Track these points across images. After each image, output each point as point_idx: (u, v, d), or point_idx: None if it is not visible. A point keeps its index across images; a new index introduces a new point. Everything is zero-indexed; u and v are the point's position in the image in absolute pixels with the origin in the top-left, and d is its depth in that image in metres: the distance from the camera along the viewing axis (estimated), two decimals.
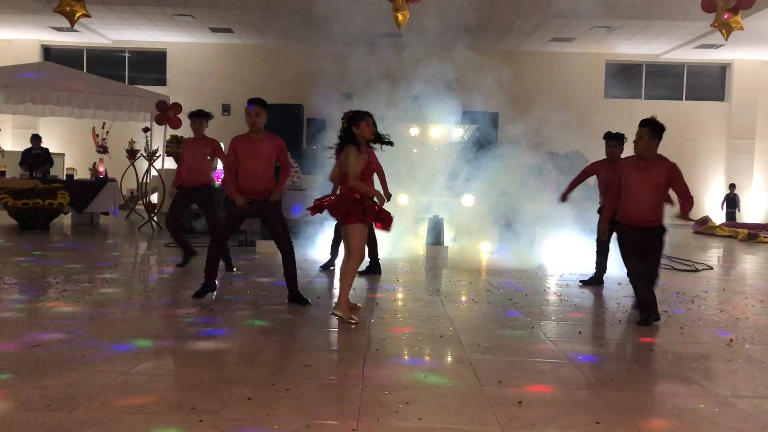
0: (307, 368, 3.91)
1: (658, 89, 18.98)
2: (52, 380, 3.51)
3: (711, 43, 16.36)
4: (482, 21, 15.12)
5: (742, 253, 11.91)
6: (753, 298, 6.94)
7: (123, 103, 12.93)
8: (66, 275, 6.87)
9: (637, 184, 5.31)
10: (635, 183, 5.31)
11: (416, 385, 3.68)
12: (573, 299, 6.48)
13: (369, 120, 5.06)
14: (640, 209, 5.29)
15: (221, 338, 4.76)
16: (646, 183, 5.29)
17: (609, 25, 15.62)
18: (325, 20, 14.53)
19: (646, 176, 5.29)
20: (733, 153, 18.66)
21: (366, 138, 5.07)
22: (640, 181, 5.30)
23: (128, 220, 14.04)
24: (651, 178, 5.27)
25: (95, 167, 13.35)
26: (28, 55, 17.67)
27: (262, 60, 18.37)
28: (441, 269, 8.37)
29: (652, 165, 5.31)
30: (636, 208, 5.30)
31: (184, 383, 3.59)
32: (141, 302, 5.74)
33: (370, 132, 5.04)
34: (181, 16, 15.80)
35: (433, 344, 4.61)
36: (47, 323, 4.80)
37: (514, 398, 3.46)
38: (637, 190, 5.29)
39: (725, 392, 3.70)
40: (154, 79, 18.81)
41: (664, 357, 4.43)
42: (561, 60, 18.46)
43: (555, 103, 12.80)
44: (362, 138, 5.05)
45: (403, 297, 6.38)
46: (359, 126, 5.02)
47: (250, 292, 6.32)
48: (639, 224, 5.33)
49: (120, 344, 4.29)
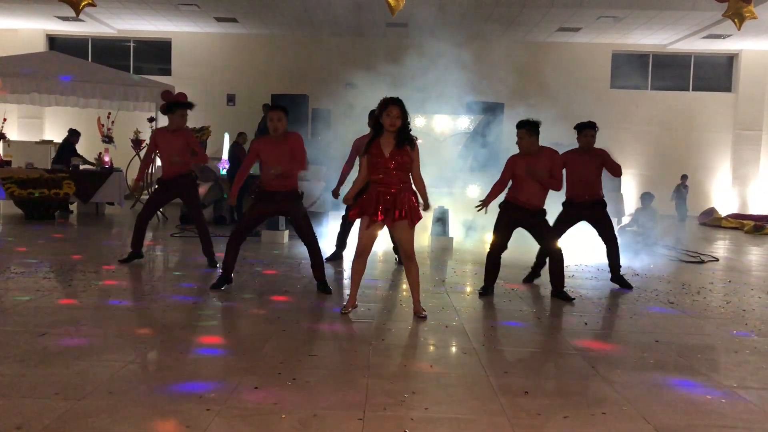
0: (314, 358, 3.92)
1: (664, 80, 18.88)
2: (59, 368, 3.52)
3: (718, 33, 16.25)
4: (488, 11, 15.04)
5: (748, 245, 11.88)
6: (759, 289, 6.92)
7: (128, 93, 12.91)
8: (72, 264, 6.90)
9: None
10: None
11: (422, 375, 3.69)
12: (579, 290, 6.47)
13: (390, 110, 4.84)
14: (529, 195, 5.93)
15: (228, 328, 4.78)
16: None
17: (616, 15, 15.51)
18: (330, 10, 14.48)
19: (536, 164, 5.87)
20: (739, 144, 18.57)
21: (388, 128, 4.88)
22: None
23: (133, 210, 14.06)
24: (540, 165, 5.87)
25: (100, 157, 13.36)
26: (33, 44, 17.66)
27: (266, 50, 18.33)
28: (446, 260, 8.37)
29: (537, 156, 5.93)
30: (526, 194, 5.93)
31: (190, 372, 3.60)
32: (147, 292, 5.76)
33: (389, 123, 4.85)
34: (186, 6, 15.76)
35: (438, 334, 4.61)
36: (54, 312, 4.82)
37: (521, 388, 3.47)
38: (528, 179, 5.91)
39: (732, 383, 3.70)
40: (159, 69, 18.79)
41: (670, 348, 4.43)
42: (568, 50, 18.37)
43: (561, 93, 12.76)
44: (385, 128, 4.89)
45: (408, 287, 6.37)
46: (382, 115, 4.88)
47: (257, 283, 6.33)
48: (529, 207, 5.95)
49: (126, 333, 4.31)
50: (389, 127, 4.85)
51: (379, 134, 4.95)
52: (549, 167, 5.91)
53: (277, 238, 9.46)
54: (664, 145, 18.35)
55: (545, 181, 5.92)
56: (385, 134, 4.91)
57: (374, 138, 4.98)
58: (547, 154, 5.96)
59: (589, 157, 6.60)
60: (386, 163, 4.89)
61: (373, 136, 5.00)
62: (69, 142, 13.20)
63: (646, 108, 18.53)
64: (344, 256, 7.83)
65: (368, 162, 4.98)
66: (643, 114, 18.46)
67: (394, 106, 4.85)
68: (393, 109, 4.84)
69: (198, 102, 14.85)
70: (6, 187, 11.40)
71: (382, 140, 4.92)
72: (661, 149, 18.34)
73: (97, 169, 12.86)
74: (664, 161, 18.29)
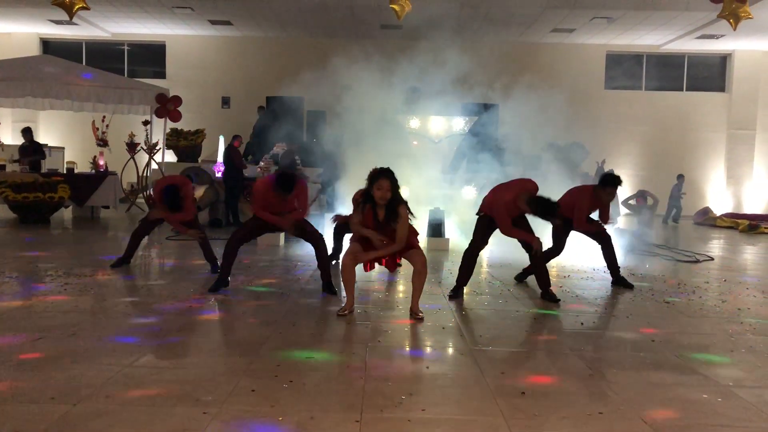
0: (310, 360, 3.91)
1: (658, 80, 18.93)
2: (55, 372, 3.51)
3: (712, 34, 16.31)
4: (482, 12, 15.06)
5: (742, 244, 11.91)
6: (754, 288, 6.95)
7: (123, 96, 12.90)
8: (67, 268, 6.88)
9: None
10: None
11: (419, 376, 3.69)
12: (575, 290, 6.49)
13: (381, 183, 4.88)
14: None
15: (224, 330, 4.77)
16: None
17: (609, 16, 15.56)
18: (325, 12, 14.49)
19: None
20: (733, 144, 18.63)
21: (377, 201, 4.94)
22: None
23: (129, 214, 14.04)
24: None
25: (95, 160, 13.35)
26: (27, 48, 17.63)
27: (261, 52, 18.32)
28: (442, 261, 8.37)
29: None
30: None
31: (187, 375, 3.59)
32: (143, 295, 5.75)
33: (379, 196, 4.90)
34: (180, 9, 15.75)
35: (435, 336, 4.61)
36: (50, 316, 4.81)
37: (517, 389, 3.47)
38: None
39: (728, 382, 3.71)
40: (154, 72, 18.77)
41: (666, 347, 4.44)
42: (562, 51, 18.41)
43: (555, 94, 12.77)
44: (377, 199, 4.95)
45: (404, 289, 6.37)
46: (372, 188, 4.94)
47: (253, 285, 6.32)
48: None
49: (123, 337, 4.30)
50: (379, 200, 4.92)
51: (369, 203, 5.00)
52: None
53: (274, 239, 9.46)
54: (658, 145, 18.40)
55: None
56: (376, 205, 4.98)
57: (365, 204, 5.02)
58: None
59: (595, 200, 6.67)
60: (375, 227, 5.03)
61: (365, 201, 5.03)
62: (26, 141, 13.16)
63: (641, 108, 18.58)
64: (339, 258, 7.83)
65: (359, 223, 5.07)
66: (638, 114, 18.51)
67: (385, 179, 4.88)
68: (383, 182, 4.88)
69: (193, 105, 14.88)
70: (0, 191, 11.36)
71: (374, 209, 5.01)
72: (655, 149, 18.40)
73: (92, 172, 12.83)
74: (658, 161, 18.35)
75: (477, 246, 6.05)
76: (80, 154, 16.52)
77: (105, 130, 13.48)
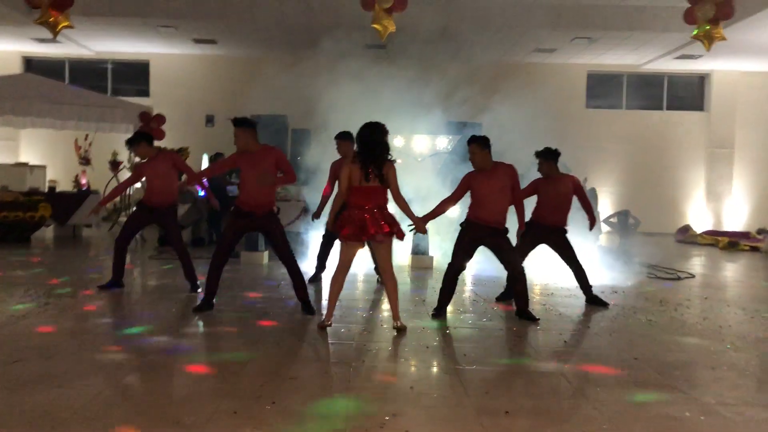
0: (294, 380, 3.88)
1: (639, 99, 19.16)
2: (33, 396, 3.45)
3: (691, 54, 16.57)
4: (465, 31, 15.22)
5: (723, 261, 12.03)
6: (735, 305, 7.01)
7: (105, 115, 12.83)
8: (48, 288, 6.79)
9: (487, 190, 5.83)
10: (485, 189, 5.83)
11: (403, 396, 3.67)
12: (558, 308, 6.51)
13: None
14: (492, 212, 5.82)
15: (207, 351, 4.73)
16: (492, 188, 5.81)
17: (590, 36, 15.78)
18: (310, 32, 14.56)
19: (491, 182, 5.81)
20: (713, 162, 18.87)
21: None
22: (488, 187, 5.82)
23: (111, 233, 13.91)
24: (496, 183, 5.81)
25: (77, 179, 13.22)
26: (9, 66, 17.49)
27: (245, 71, 18.31)
28: (426, 279, 8.37)
29: (494, 172, 5.85)
30: (489, 212, 5.82)
31: (168, 397, 3.55)
32: (124, 315, 5.68)
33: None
34: (164, 28, 15.74)
35: (419, 355, 4.60)
36: (28, 338, 4.73)
37: (501, 408, 3.46)
38: (488, 195, 5.82)
39: (710, 400, 3.73)
40: (137, 90, 18.71)
41: (648, 365, 4.46)
42: (544, 70, 18.61)
43: (537, 113, 12.92)
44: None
45: (389, 307, 6.36)
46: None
47: (237, 304, 6.27)
48: (494, 225, 5.84)
49: (103, 359, 4.24)
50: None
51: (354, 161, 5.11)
52: (510, 185, 5.85)
53: (257, 259, 9.41)
54: (639, 163, 18.57)
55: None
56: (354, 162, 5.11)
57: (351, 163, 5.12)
58: (504, 170, 5.88)
59: (562, 183, 6.73)
60: (362, 184, 5.09)
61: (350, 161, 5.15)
62: None
63: (622, 127, 18.78)
64: (323, 277, 7.80)
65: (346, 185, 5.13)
66: (619, 133, 18.70)
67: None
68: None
69: (177, 123, 14.82)
70: None
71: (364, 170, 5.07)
72: (636, 167, 18.57)
73: (75, 191, 12.72)
74: (640, 179, 18.52)
75: (461, 268, 6.03)
76: (62, 172, 16.37)
77: (88, 149, 13.37)
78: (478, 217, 5.88)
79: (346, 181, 5.11)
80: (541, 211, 6.71)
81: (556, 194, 6.69)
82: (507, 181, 5.84)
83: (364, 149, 5.07)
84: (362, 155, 5.06)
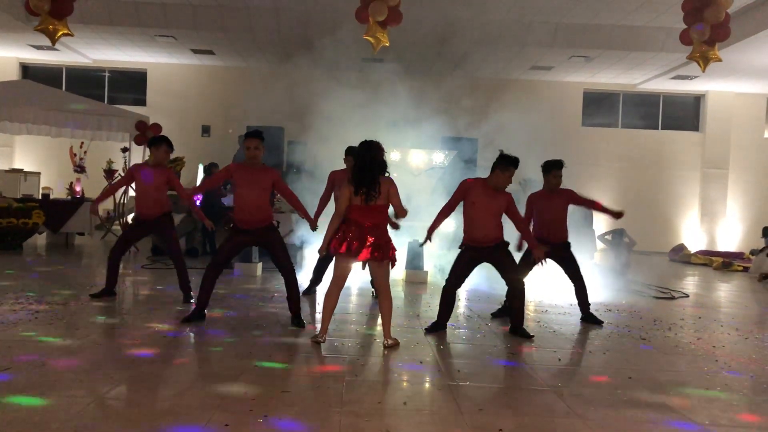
0: (286, 394, 3.85)
1: (634, 118, 19.29)
2: (24, 405, 3.41)
3: (686, 74, 16.70)
4: (462, 47, 15.30)
5: (717, 281, 12.05)
6: (728, 326, 7.01)
7: (101, 123, 12.81)
8: (39, 296, 6.73)
9: (484, 208, 5.80)
10: (482, 207, 5.80)
11: (396, 412, 3.65)
12: (552, 325, 6.49)
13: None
14: (484, 230, 5.80)
15: (199, 363, 4.69)
16: (488, 210, 5.80)
17: (587, 55, 15.89)
18: (306, 43, 14.61)
19: (490, 205, 5.80)
20: (707, 182, 18.97)
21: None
22: (485, 205, 5.80)
23: (104, 241, 13.85)
24: (493, 206, 5.81)
25: (72, 187, 13.18)
26: (6, 72, 17.50)
27: (242, 82, 18.37)
28: (420, 294, 8.35)
29: (499, 194, 5.86)
30: (480, 230, 5.80)
31: (159, 409, 3.51)
32: (116, 325, 5.64)
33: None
34: (162, 37, 15.78)
35: (413, 370, 4.57)
36: (18, 346, 4.69)
37: (495, 425, 3.44)
38: (480, 214, 5.80)
39: (704, 420, 3.71)
40: (134, 99, 18.71)
41: (643, 385, 4.44)
42: (540, 88, 18.71)
43: (533, 129, 12.95)
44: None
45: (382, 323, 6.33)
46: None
47: (229, 316, 6.23)
48: (487, 244, 5.83)
49: (93, 369, 4.20)
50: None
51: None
52: (506, 210, 5.86)
53: (251, 270, 9.37)
54: (634, 182, 18.66)
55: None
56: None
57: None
58: (504, 197, 5.87)
59: (555, 198, 6.72)
60: (361, 206, 5.08)
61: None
62: None
63: (617, 145, 18.88)
64: (317, 290, 7.77)
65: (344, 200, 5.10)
66: (614, 151, 18.80)
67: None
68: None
69: (173, 133, 14.85)
70: None
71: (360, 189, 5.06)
72: (631, 186, 18.65)
73: (69, 198, 12.67)
74: (635, 198, 18.59)
75: (457, 285, 6.00)
76: (57, 179, 16.32)
77: (83, 156, 13.35)
78: (472, 239, 5.86)
79: (346, 202, 5.08)
80: (540, 229, 6.70)
81: (550, 208, 6.69)
82: (504, 206, 5.85)
83: (357, 170, 5.05)
84: (355, 177, 5.04)
